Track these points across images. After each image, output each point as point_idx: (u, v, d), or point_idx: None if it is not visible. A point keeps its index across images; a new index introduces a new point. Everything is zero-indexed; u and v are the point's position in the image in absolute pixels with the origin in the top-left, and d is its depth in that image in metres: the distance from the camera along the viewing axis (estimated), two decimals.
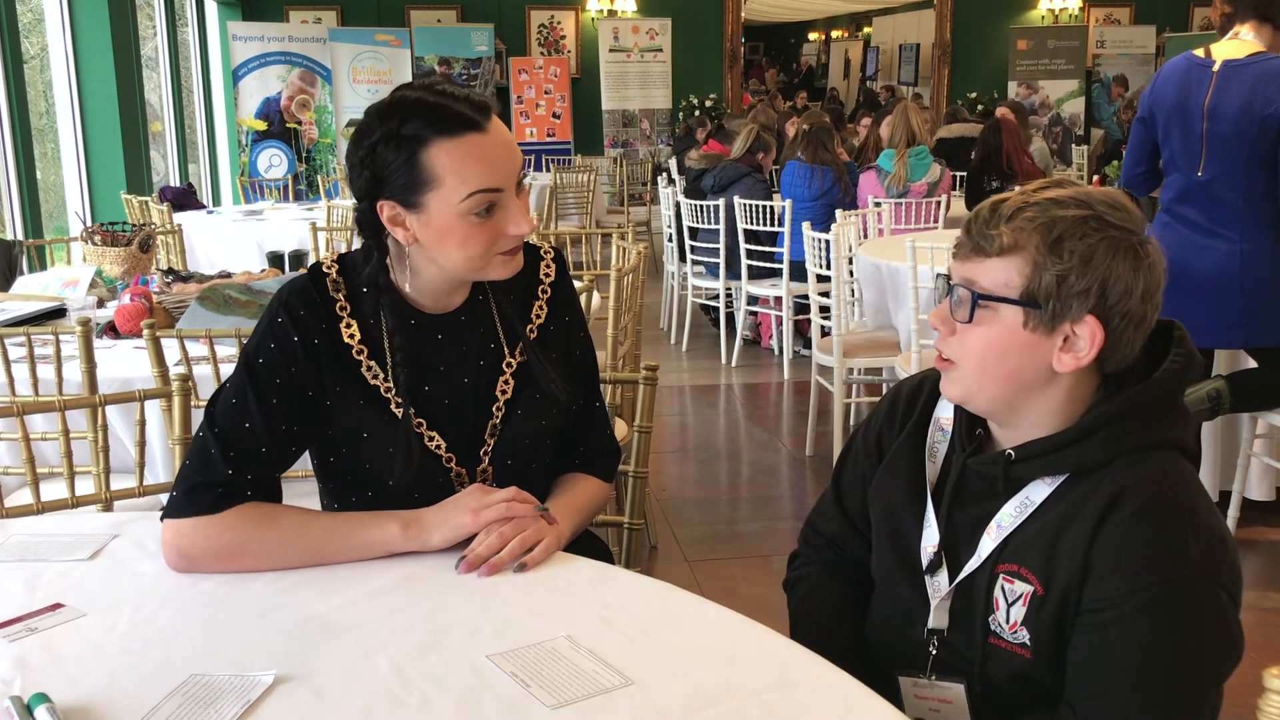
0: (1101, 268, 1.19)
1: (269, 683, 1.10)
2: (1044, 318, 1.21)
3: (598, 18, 11.14)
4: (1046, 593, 1.22)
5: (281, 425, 1.47)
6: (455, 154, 1.40)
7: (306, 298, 1.51)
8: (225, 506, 1.40)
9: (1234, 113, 3.01)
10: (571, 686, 1.10)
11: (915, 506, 1.36)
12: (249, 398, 1.45)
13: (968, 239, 1.26)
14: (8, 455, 2.50)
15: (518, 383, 1.56)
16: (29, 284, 3.44)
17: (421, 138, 1.40)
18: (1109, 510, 1.19)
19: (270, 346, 1.48)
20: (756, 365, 6.00)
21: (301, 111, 9.93)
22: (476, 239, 1.44)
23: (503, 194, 1.44)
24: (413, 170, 1.41)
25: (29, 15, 6.63)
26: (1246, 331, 3.10)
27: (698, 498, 4.05)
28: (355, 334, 1.50)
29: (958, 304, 1.26)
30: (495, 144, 1.43)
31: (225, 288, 2.92)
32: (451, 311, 1.55)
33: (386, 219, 1.45)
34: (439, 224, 1.43)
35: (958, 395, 1.30)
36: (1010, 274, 1.21)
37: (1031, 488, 1.27)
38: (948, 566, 1.32)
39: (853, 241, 4.51)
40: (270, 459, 1.46)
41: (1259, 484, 3.54)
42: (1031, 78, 11.68)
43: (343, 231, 5.04)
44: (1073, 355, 1.22)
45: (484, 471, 1.55)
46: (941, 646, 1.33)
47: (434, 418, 1.53)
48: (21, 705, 1.05)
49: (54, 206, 6.78)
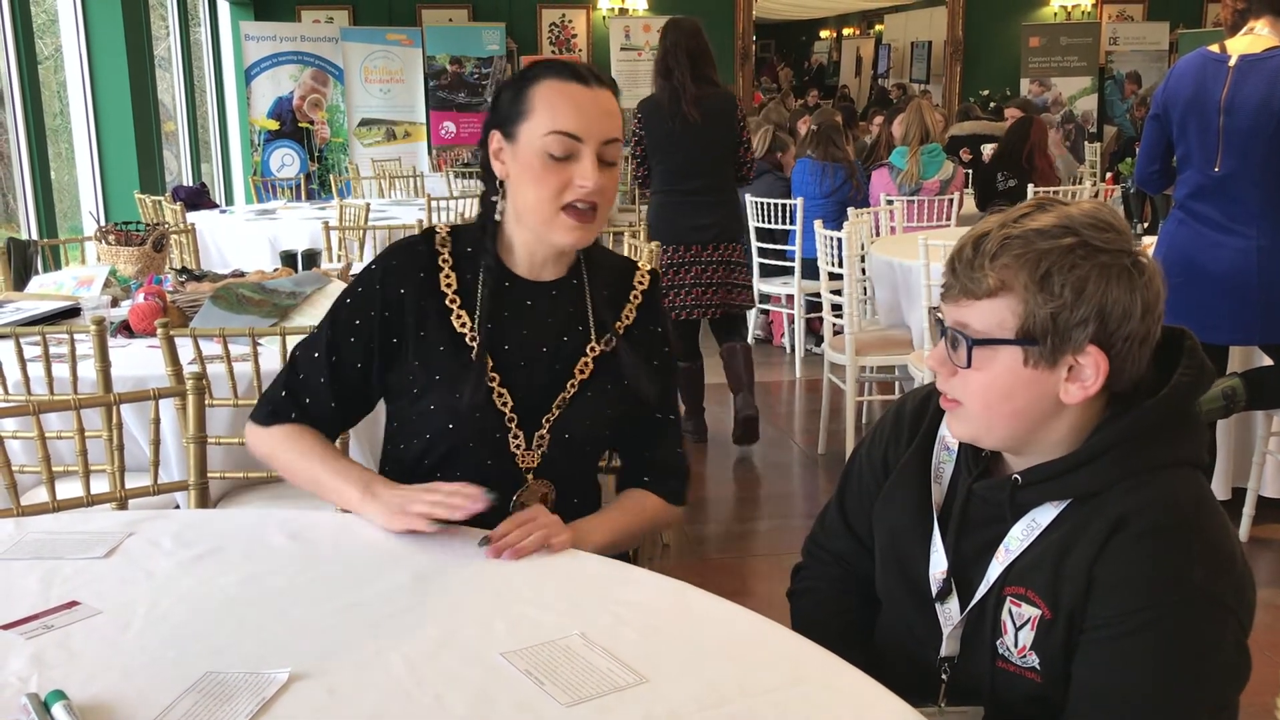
0: (1096, 296, 1.15)
1: (283, 680, 1.11)
2: (1044, 353, 1.17)
3: (609, 16, 11.12)
4: (1054, 616, 1.20)
5: (345, 362, 1.63)
6: (553, 92, 1.55)
7: (409, 249, 1.66)
8: (272, 422, 1.64)
9: (1251, 108, 2.99)
10: (585, 684, 1.10)
11: (921, 531, 1.33)
12: (324, 332, 1.65)
13: (955, 280, 1.22)
14: (24, 454, 2.51)
15: (597, 368, 1.65)
16: (44, 283, 3.45)
17: (535, 75, 1.58)
18: (1114, 532, 1.16)
19: (358, 290, 1.64)
20: (768, 363, 5.99)
21: (313, 111, 9.95)
22: (547, 181, 1.55)
23: (582, 145, 1.54)
24: (518, 99, 1.57)
25: (43, 16, 6.66)
26: (1262, 328, 3.08)
27: (710, 496, 4.05)
28: (452, 284, 1.63)
29: (954, 348, 1.23)
30: (591, 99, 1.56)
31: (239, 286, 2.92)
32: (545, 282, 1.66)
33: (492, 151, 1.61)
34: (524, 157, 1.56)
35: (968, 435, 1.27)
36: (1003, 314, 1.18)
37: (1039, 510, 1.24)
38: (958, 593, 1.29)
39: (865, 239, 4.50)
40: (325, 390, 1.63)
41: (1274, 481, 3.52)
42: (1044, 75, 11.62)
43: (355, 231, 5.04)
44: (1079, 385, 1.18)
45: (540, 439, 1.62)
46: (952, 672, 1.31)
47: (507, 375, 1.62)
48: (38, 703, 1.06)
49: (68, 206, 6.81)
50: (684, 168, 4.28)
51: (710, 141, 4.24)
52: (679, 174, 4.29)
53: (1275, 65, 2.99)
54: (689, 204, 4.30)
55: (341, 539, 1.48)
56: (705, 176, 4.29)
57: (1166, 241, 3.22)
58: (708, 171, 4.29)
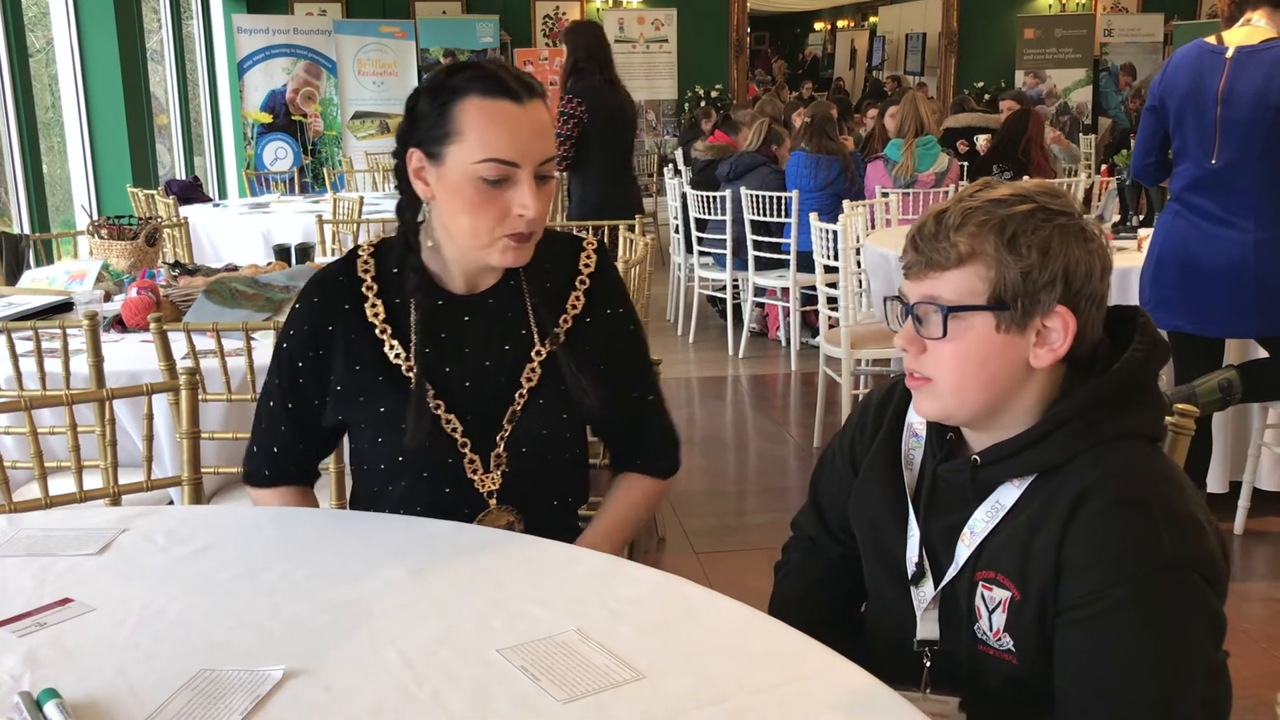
0: (1060, 256, 1.19)
1: (279, 677, 1.10)
2: (1015, 317, 1.20)
3: (603, 8, 11.10)
4: (1024, 597, 1.21)
5: (302, 404, 1.59)
6: (484, 113, 1.43)
7: (329, 281, 1.58)
8: (254, 484, 1.66)
9: (1249, 99, 2.98)
10: (582, 680, 1.09)
11: (897, 515, 1.35)
12: (272, 379, 1.61)
13: (919, 256, 1.25)
14: (16, 449, 2.50)
15: (545, 372, 1.55)
16: (36, 278, 3.44)
17: (459, 89, 1.44)
18: (1077, 507, 1.17)
19: (290, 333, 1.59)
20: (764, 357, 5.99)
21: (307, 104, 9.92)
22: (484, 210, 1.44)
23: (519, 170, 1.44)
24: (442, 118, 1.44)
25: (34, 9, 6.62)
26: (1259, 321, 3.08)
27: (705, 490, 4.04)
28: (380, 313, 1.55)
29: (923, 324, 1.24)
30: (526, 120, 1.45)
31: (232, 281, 2.91)
32: (480, 293, 1.56)
33: (412, 170, 1.49)
34: (452, 181, 1.45)
35: (937, 412, 1.28)
36: (973, 281, 1.21)
37: (1001, 491, 1.25)
38: (931, 575, 1.31)
39: (860, 232, 4.49)
40: (289, 436, 1.61)
41: (1270, 474, 3.52)
42: (1038, 67, 11.61)
43: (349, 224, 5.03)
44: (1048, 349, 1.21)
45: (498, 458, 1.55)
46: (935, 658, 1.32)
47: (453, 399, 1.54)
48: (31, 701, 1.05)
49: (60, 200, 6.78)
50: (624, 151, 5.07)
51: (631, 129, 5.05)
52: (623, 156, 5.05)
53: (1272, 57, 2.98)
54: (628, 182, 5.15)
55: (337, 535, 1.47)
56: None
57: (1163, 234, 3.21)
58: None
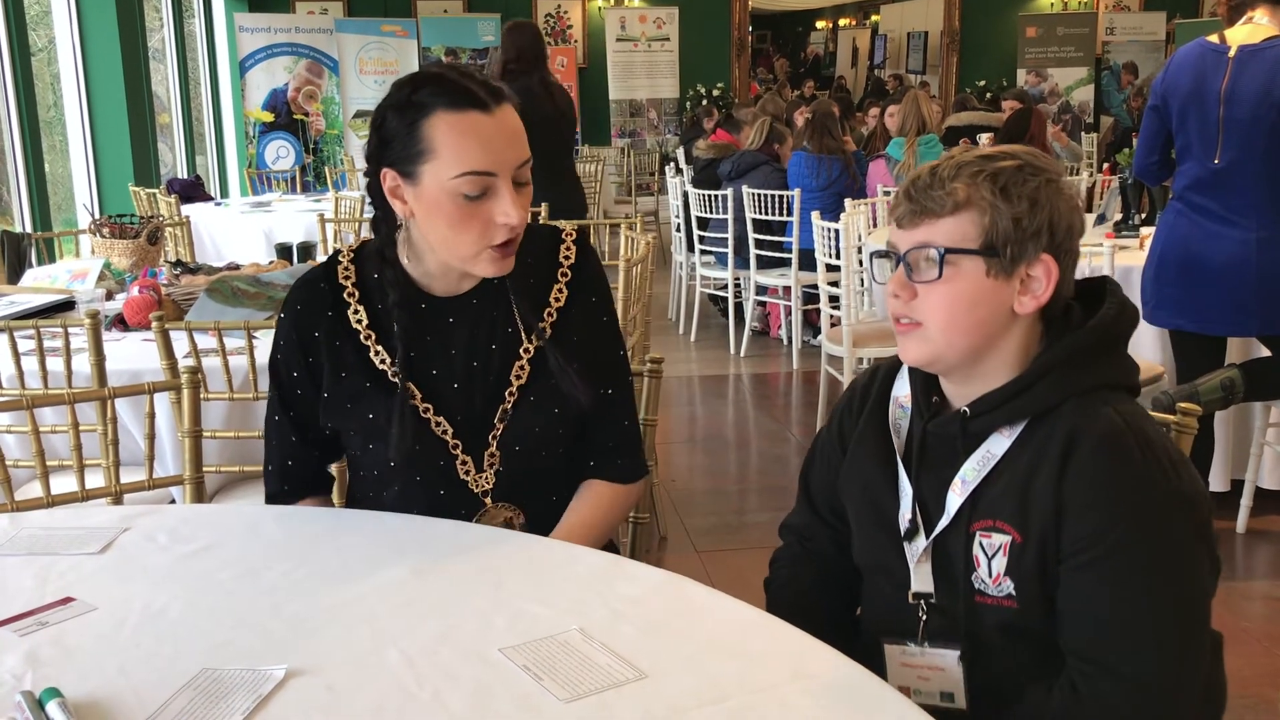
0: (1047, 207, 1.26)
1: (280, 677, 1.10)
2: (1004, 263, 1.26)
3: (604, 7, 11.09)
4: (1025, 539, 1.25)
5: (304, 411, 1.59)
6: (455, 128, 1.41)
7: (310, 288, 1.57)
8: (275, 504, 1.64)
9: (1252, 98, 2.98)
10: (584, 680, 1.09)
11: (889, 476, 1.39)
12: (272, 393, 1.61)
13: (913, 205, 1.30)
14: (18, 448, 2.50)
15: (534, 369, 1.55)
16: (38, 277, 3.44)
17: (426, 106, 1.42)
18: (1070, 448, 1.23)
19: (280, 343, 1.59)
20: (765, 355, 5.99)
21: (308, 103, 9.92)
22: (466, 224, 1.44)
23: (496, 180, 1.43)
24: (413, 137, 1.43)
25: (36, 8, 6.63)
26: (1261, 319, 3.08)
27: (707, 488, 4.04)
28: (363, 319, 1.54)
29: (917, 268, 1.29)
30: (498, 128, 1.43)
31: (234, 279, 2.91)
32: (463, 295, 1.55)
33: (388, 189, 1.48)
34: (430, 198, 1.44)
35: (924, 355, 1.32)
36: (966, 227, 1.26)
37: (992, 441, 1.30)
38: (924, 529, 1.34)
39: (862, 230, 4.49)
40: (299, 446, 1.61)
41: (1272, 473, 3.52)
42: (1040, 65, 11.60)
43: (350, 223, 5.03)
44: (1031, 296, 1.28)
45: (491, 457, 1.54)
46: (931, 612, 1.34)
47: (441, 401, 1.53)
48: (33, 700, 1.05)
49: (62, 199, 6.78)
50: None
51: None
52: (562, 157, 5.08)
53: (1275, 55, 2.97)
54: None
55: (339, 533, 1.47)
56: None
57: (1165, 233, 3.21)
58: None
